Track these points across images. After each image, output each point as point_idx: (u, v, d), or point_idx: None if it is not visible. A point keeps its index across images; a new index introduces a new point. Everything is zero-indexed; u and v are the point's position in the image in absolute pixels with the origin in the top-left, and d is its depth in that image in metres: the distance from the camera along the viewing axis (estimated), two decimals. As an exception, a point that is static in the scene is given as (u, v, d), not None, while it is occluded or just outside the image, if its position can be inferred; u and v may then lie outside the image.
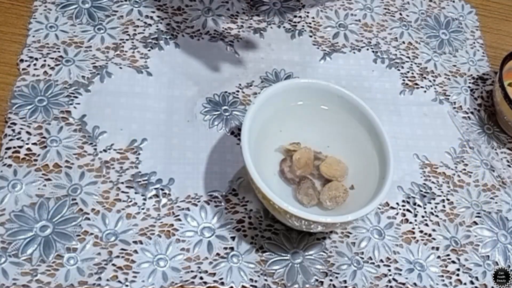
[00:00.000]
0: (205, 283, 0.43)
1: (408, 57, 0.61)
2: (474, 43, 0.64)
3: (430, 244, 0.49)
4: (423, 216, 0.50)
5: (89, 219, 0.44)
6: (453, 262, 0.48)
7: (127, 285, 0.42)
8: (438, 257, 0.48)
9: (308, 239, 0.47)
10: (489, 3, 0.68)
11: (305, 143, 0.49)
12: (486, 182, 0.54)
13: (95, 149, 0.48)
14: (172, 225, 0.45)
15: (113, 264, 0.43)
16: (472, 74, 0.61)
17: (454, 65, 0.62)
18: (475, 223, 0.51)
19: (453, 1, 0.67)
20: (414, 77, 0.59)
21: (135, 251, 0.44)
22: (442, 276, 0.47)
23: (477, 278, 0.48)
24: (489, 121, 0.59)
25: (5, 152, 0.46)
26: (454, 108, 0.58)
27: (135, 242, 0.44)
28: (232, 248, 0.45)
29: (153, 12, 0.57)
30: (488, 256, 0.49)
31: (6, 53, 0.51)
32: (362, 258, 0.47)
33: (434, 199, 0.52)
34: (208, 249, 0.45)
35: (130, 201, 0.46)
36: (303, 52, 0.59)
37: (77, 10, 0.55)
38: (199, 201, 0.47)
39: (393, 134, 0.49)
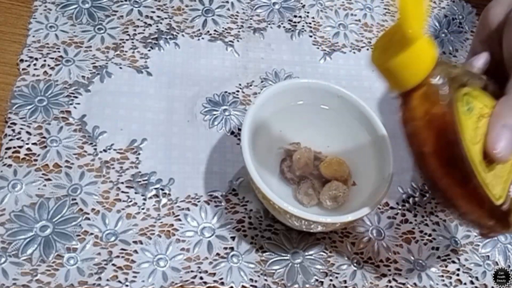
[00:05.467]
0: (205, 283, 0.43)
1: (408, 57, 0.61)
2: (474, 43, 0.64)
3: (430, 244, 0.49)
4: (423, 216, 0.50)
5: (89, 219, 0.44)
6: (453, 262, 0.48)
7: (127, 285, 0.42)
8: (438, 257, 0.48)
9: (308, 239, 0.47)
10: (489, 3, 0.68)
11: (305, 143, 0.49)
12: (486, 182, 0.54)
13: (95, 149, 0.48)
14: (172, 225, 0.46)
15: (113, 264, 0.43)
16: (472, 74, 0.61)
17: (454, 65, 0.62)
18: (475, 223, 0.51)
19: (453, 1, 0.67)
20: (414, 77, 0.59)
21: (135, 251, 0.44)
22: (442, 276, 0.47)
23: (477, 278, 0.48)
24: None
25: (5, 152, 0.46)
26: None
27: (135, 242, 0.44)
28: (232, 248, 0.45)
29: (153, 12, 0.57)
30: (488, 256, 0.49)
31: (6, 53, 0.52)
32: (362, 258, 0.47)
33: (434, 199, 0.52)
34: (208, 249, 0.45)
35: (130, 201, 0.46)
36: (303, 52, 0.59)
37: (77, 10, 0.55)
38: (199, 201, 0.47)
39: (393, 134, 0.49)
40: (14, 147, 0.46)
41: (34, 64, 0.51)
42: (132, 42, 0.55)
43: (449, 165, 0.36)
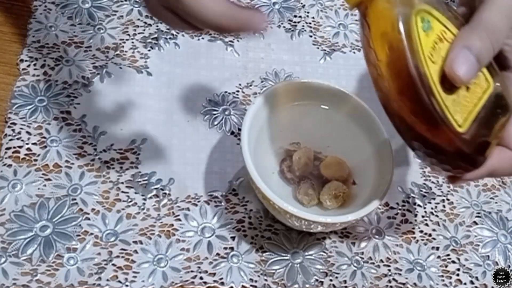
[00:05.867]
0: (205, 283, 0.43)
1: (408, 57, 0.61)
2: (474, 43, 0.64)
3: (430, 244, 0.49)
4: (423, 216, 0.50)
5: (89, 219, 0.44)
6: (453, 262, 0.48)
7: (127, 285, 0.42)
8: (438, 257, 0.48)
9: (308, 239, 0.47)
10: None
11: (305, 143, 0.49)
12: (486, 182, 0.54)
13: (95, 149, 0.48)
14: (172, 225, 0.46)
15: (113, 264, 0.43)
16: (472, 74, 0.61)
17: (454, 65, 0.62)
18: (475, 223, 0.51)
19: (453, 1, 0.67)
20: (414, 77, 0.59)
21: (135, 251, 0.44)
22: (442, 276, 0.47)
23: (477, 278, 0.48)
24: (489, 121, 0.58)
25: (5, 152, 0.46)
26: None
27: (135, 242, 0.44)
28: (232, 248, 0.45)
29: (153, 12, 0.57)
30: (488, 256, 0.49)
31: (6, 53, 0.52)
32: (362, 258, 0.47)
33: (434, 199, 0.52)
34: (208, 249, 0.45)
35: (130, 201, 0.46)
36: (303, 52, 0.59)
37: (77, 10, 0.55)
38: (199, 201, 0.47)
39: (393, 134, 0.49)
40: (14, 147, 0.46)
41: (34, 64, 0.51)
42: (132, 42, 0.55)
43: (405, 80, 0.34)
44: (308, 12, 0.61)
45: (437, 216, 0.51)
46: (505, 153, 0.38)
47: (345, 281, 0.45)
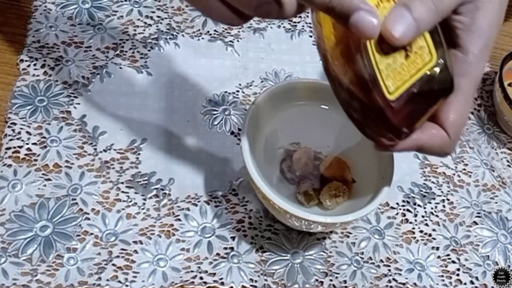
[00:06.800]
0: (205, 283, 0.43)
1: (408, 57, 0.61)
2: (474, 43, 0.64)
3: (430, 244, 0.49)
4: (423, 216, 0.50)
5: (89, 219, 0.44)
6: (453, 262, 0.48)
7: (127, 285, 0.42)
8: (438, 257, 0.48)
9: (308, 239, 0.47)
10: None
11: (305, 143, 0.49)
12: (486, 182, 0.54)
13: (95, 149, 0.48)
14: (172, 225, 0.46)
15: (113, 264, 0.43)
16: (472, 74, 0.61)
17: (454, 65, 0.62)
18: (475, 223, 0.51)
19: None
20: (414, 77, 0.59)
21: (135, 251, 0.44)
22: (442, 276, 0.47)
23: (477, 278, 0.48)
24: (489, 121, 0.59)
25: (5, 152, 0.46)
26: (454, 108, 0.58)
27: (135, 242, 0.44)
28: (232, 248, 0.45)
29: (153, 12, 0.57)
30: (488, 256, 0.49)
31: (6, 53, 0.52)
32: (362, 258, 0.47)
33: (434, 199, 0.52)
34: (208, 249, 0.45)
35: (130, 201, 0.46)
36: (303, 52, 0.59)
37: (77, 10, 0.55)
38: (199, 201, 0.47)
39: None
40: (14, 147, 0.46)
41: (34, 64, 0.51)
42: (132, 42, 0.55)
43: (340, 32, 0.33)
44: (308, 12, 0.61)
45: (437, 216, 0.51)
46: (437, 132, 0.37)
47: (345, 281, 0.45)
